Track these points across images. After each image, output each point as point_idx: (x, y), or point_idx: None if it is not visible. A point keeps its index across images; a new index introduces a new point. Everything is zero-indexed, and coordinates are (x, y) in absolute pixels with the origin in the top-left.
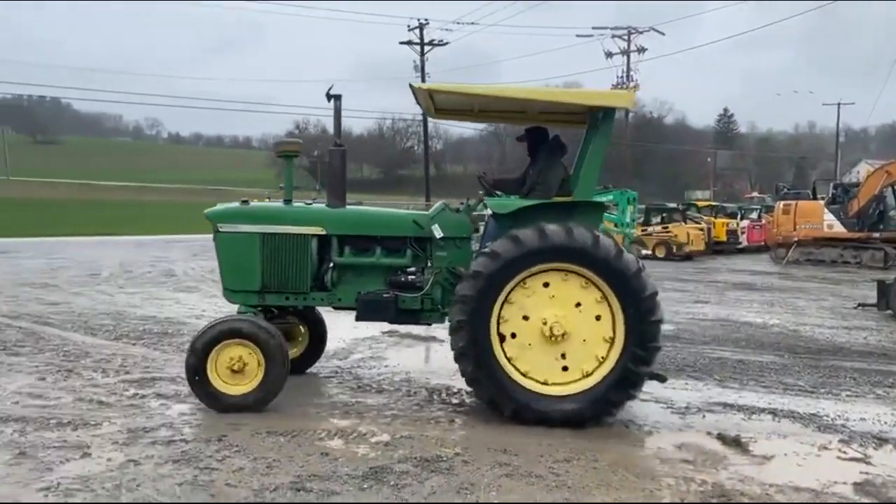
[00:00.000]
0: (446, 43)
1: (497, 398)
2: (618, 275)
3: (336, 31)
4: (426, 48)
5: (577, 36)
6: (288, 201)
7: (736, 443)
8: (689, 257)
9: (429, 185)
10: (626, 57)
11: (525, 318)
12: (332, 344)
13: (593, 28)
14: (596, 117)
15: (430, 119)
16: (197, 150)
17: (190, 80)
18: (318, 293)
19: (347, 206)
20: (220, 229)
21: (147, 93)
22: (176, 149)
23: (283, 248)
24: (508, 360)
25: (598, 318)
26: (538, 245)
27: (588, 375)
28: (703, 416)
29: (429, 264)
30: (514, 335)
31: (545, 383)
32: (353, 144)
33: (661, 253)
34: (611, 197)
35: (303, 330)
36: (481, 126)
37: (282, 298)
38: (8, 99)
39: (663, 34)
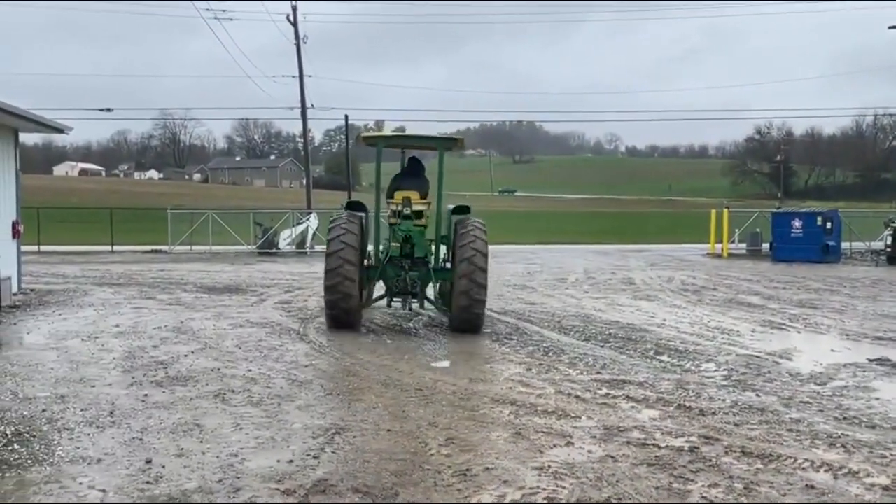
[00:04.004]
0: None
1: None
2: None
3: (810, 24)
4: None
5: None
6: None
7: None
8: None
9: None
10: None
11: None
12: (806, 367)
13: None
14: None
15: None
16: (652, 162)
17: (649, 94)
18: None
19: None
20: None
21: (608, 110)
22: (632, 161)
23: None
24: None
25: None
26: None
27: None
28: None
29: None
30: None
31: None
32: (822, 146)
33: None
34: None
35: None
36: None
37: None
38: (493, 125)
39: None
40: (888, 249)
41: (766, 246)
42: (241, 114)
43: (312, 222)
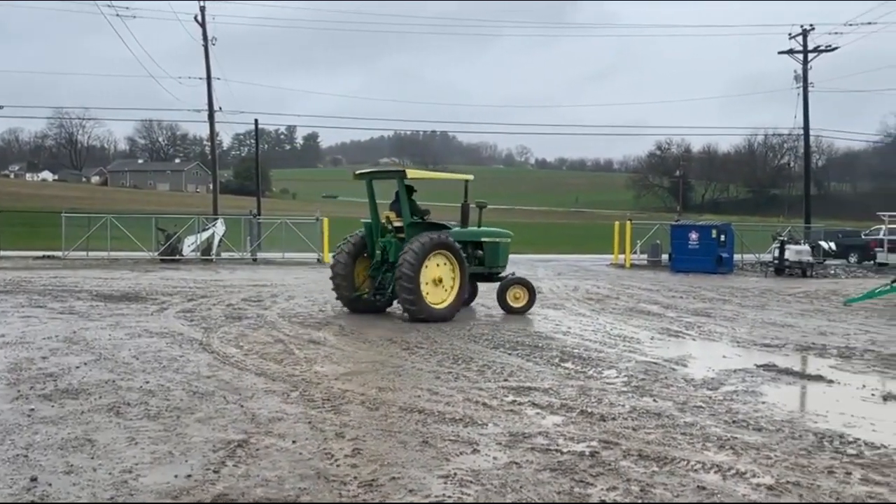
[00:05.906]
0: (835, 48)
1: None
2: None
3: (711, 47)
4: (810, 55)
5: None
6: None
7: None
8: None
9: (808, 206)
10: None
11: None
12: (700, 373)
13: None
14: None
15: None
16: (561, 174)
17: (561, 109)
18: None
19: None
20: None
21: (520, 122)
22: (542, 173)
23: None
24: None
25: None
26: None
27: None
28: None
29: None
30: None
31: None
32: (718, 163)
33: None
34: None
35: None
36: (875, 137)
37: None
38: (407, 135)
39: None
40: (776, 261)
41: (665, 257)
42: (145, 115)
43: (219, 228)
